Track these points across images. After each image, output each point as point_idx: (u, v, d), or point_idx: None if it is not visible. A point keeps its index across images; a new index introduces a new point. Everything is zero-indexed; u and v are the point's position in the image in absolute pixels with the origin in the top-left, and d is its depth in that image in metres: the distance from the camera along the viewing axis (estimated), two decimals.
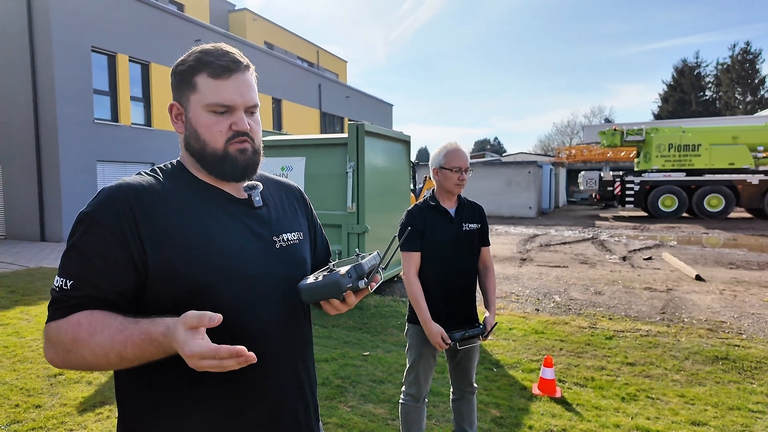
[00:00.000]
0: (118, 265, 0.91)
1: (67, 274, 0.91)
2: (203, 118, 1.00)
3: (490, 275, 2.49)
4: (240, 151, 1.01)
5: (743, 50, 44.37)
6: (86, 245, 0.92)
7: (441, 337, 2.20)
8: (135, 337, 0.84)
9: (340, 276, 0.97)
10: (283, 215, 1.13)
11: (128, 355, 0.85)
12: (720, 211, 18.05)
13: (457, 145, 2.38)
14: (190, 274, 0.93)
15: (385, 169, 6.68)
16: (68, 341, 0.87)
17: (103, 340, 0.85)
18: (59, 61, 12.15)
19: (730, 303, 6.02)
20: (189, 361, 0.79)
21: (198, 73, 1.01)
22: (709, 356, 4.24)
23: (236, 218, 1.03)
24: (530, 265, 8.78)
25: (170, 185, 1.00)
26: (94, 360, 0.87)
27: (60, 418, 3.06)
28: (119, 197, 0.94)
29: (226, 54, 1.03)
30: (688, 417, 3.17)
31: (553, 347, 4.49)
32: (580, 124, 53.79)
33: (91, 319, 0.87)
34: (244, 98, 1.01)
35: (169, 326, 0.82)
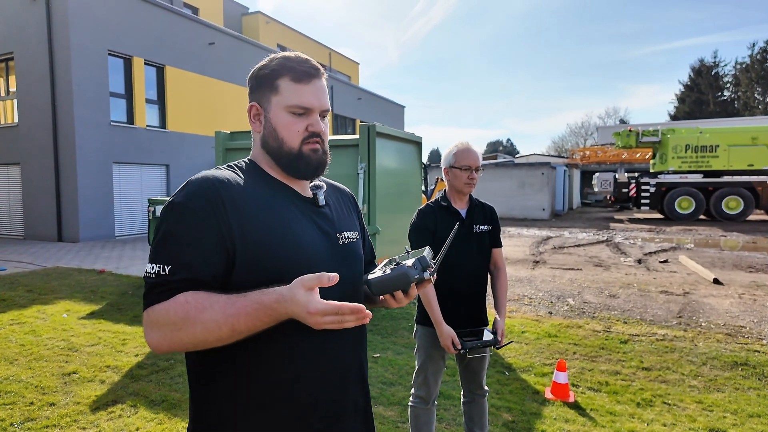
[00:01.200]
0: (212, 250, 0.96)
1: (165, 260, 0.95)
2: (283, 119, 1.09)
3: (502, 277, 2.46)
4: (313, 150, 1.10)
5: (763, 49, 43.46)
6: (181, 232, 0.97)
7: (452, 341, 2.17)
8: (248, 308, 0.90)
9: (408, 268, 1.01)
10: (341, 215, 1.21)
11: (240, 327, 0.90)
12: (738, 214, 17.68)
13: (467, 145, 2.35)
14: (270, 263, 1.00)
15: (397, 170, 6.66)
16: (178, 320, 0.91)
17: (215, 314, 0.90)
18: (77, 65, 12.37)
19: (749, 307, 5.88)
20: (311, 318, 0.87)
21: (281, 77, 1.09)
22: (728, 362, 4.13)
23: (305, 215, 1.10)
24: (543, 268, 8.68)
25: (247, 179, 1.07)
26: (205, 335, 0.91)
27: (73, 416, 3.09)
28: (208, 186, 1.00)
29: (307, 61, 1.11)
30: (706, 424, 3.09)
31: (567, 351, 4.42)
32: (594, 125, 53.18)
33: (197, 297, 0.92)
34: (321, 102, 1.10)
35: (282, 293, 0.89)
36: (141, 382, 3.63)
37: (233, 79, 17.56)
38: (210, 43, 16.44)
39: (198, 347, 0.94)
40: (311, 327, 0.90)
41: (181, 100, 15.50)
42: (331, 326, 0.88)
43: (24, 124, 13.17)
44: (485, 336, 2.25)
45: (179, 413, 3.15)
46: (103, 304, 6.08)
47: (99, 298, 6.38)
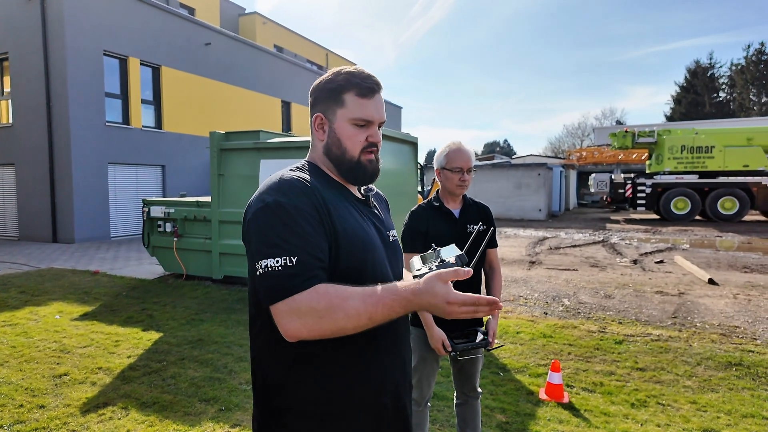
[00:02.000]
0: (323, 242, 1.06)
1: (288, 252, 1.01)
2: (347, 130, 1.18)
3: (496, 277, 2.44)
4: (369, 160, 1.21)
5: (758, 51, 43.66)
6: (298, 226, 1.04)
7: (442, 343, 2.15)
8: (386, 299, 0.98)
9: (453, 263, 1.05)
10: (386, 216, 1.34)
11: (377, 316, 0.99)
12: (734, 214, 17.74)
13: (459, 145, 2.33)
14: (357, 254, 1.11)
15: (392, 170, 6.64)
16: (322, 308, 0.97)
17: (356, 303, 0.98)
18: (72, 65, 12.32)
19: (744, 307, 5.88)
20: (448, 308, 0.95)
21: (347, 92, 1.18)
22: (722, 362, 4.13)
23: (364, 214, 1.22)
24: (539, 268, 8.68)
25: (321, 180, 1.17)
26: (346, 323, 0.98)
27: (63, 418, 3.06)
28: (305, 186, 1.10)
29: (371, 77, 1.20)
30: (700, 424, 3.08)
31: (561, 351, 4.41)
32: (591, 126, 53.30)
33: (337, 288, 1.00)
34: (380, 115, 1.21)
35: (418, 286, 0.98)
36: (133, 384, 3.60)
37: (230, 79, 17.51)
38: (206, 43, 16.40)
39: (335, 335, 1.00)
40: (444, 317, 0.99)
41: (177, 101, 15.45)
42: (465, 316, 0.97)
43: (19, 124, 13.10)
44: (477, 337, 2.24)
45: (171, 415, 3.12)
46: (96, 305, 6.04)
47: (92, 299, 6.34)
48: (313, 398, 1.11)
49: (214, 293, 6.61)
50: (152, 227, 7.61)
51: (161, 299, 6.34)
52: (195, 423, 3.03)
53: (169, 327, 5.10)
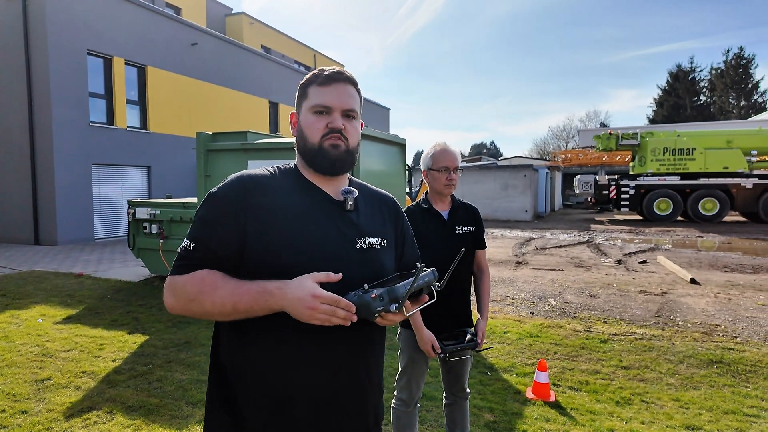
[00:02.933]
0: (228, 235, 1.10)
1: (192, 238, 1.12)
2: (308, 119, 1.21)
3: (485, 278, 2.46)
4: (333, 146, 1.18)
5: (737, 55, 44.67)
6: (207, 216, 1.13)
7: (432, 345, 2.17)
8: (251, 291, 1.04)
9: (371, 299, 1.02)
10: (370, 221, 1.25)
11: (241, 306, 1.04)
12: (714, 215, 18.12)
13: (444, 145, 2.35)
14: (279, 258, 1.10)
15: (381, 171, 6.66)
16: (192, 293, 1.07)
17: (224, 293, 1.05)
18: (55, 65, 12.11)
19: (724, 306, 6.02)
20: (311, 301, 0.98)
21: (311, 85, 1.22)
22: (704, 360, 4.22)
23: (329, 217, 1.18)
24: (526, 269, 8.77)
25: (282, 181, 1.19)
26: (212, 309, 1.06)
27: (46, 423, 3.01)
28: (238, 182, 1.15)
29: (334, 69, 1.22)
30: (682, 421, 3.15)
31: (548, 351, 4.46)
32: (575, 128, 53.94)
33: (213, 276, 1.08)
34: (341, 102, 1.19)
35: (286, 282, 1.03)
36: (118, 388, 3.55)
37: (217, 80, 17.37)
38: (193, 43, 16.25)
39: (204, 317, 1.09)
40: (302, 320, 1.01)
41: (163, 101, 15.27)
42: (322, 318, 0.99)
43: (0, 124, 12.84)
44: (466, 338, 2.26)
45: (157, 419, 3.09)
46: (80, 308, 5.94)
47: (76, 302, 6.24)
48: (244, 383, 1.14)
49: None
50: (138, 229, 7.51)
51: (147, 302, 6.26)
52: (182, 426, 3.00)
53: (156, 330, 5.04)
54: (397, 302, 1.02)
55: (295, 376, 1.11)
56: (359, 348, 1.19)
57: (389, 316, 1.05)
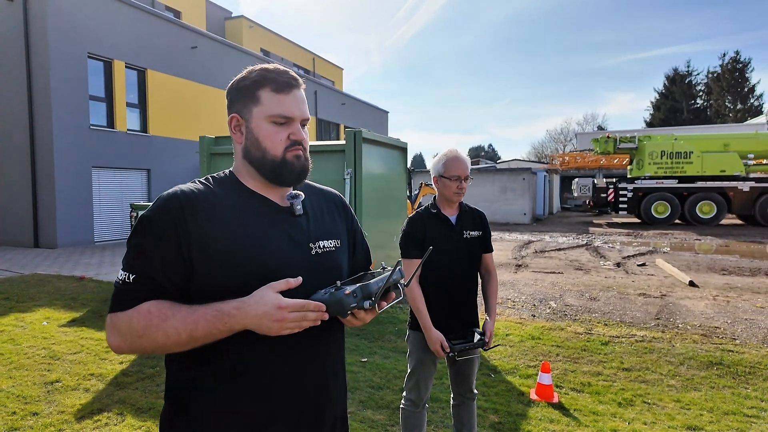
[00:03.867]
0: (171, 260, 1.01)
1: (130, 268, 1.02)
2: (265, 129, 1.10)
3: (492, 281, 2.51)
4: (296, 157, 1.11)
5: (733, 59, 44.99)
6: (144, 244, 1.03)
7: (441, 344, 2.22)
8: (208, 315, 0.97)
9: (344, 295, 0.99)
10: (321, 223, 1.20)
11: (198, 333, 0.97)
12: (712, 218, 18.24)
13: (456, 153, 2.40)
14: (231, 272, 1.02)
15: (382, 175, 6.72)
16: (140, 328, 0.98)
17: (176, 322, 0.97)
18: (55, 68, 12.15)
19: (723, 309, 6.08)
20: (279, 313, 0.94)
21: (262, 88, 1.11)
22: (704, 361, 4.28)
23: (277, 226, 1.11)
24: (526, 271, 8.83)
25: (221, 192, 1.10)
26: (165, 341, 0.98)
27: (58, 425, 3.05)
28: (172, 202, 1.05)
29: (286, 72, 1.14)
30: (684, 422, 3.20)
31: (550, 353, 4.52)
32: (573, 131, 54.21)
33: (160, 306, 0.99)
34: (301, 111, 1.13)
35: (244, 299, 0.97)
36: (127, 390, 3.59)
37: (216, 83, 17.41)
38: (192, 47, 16.30)
39: (157, 351, 1.01)
40: (270, 334, 0.96)
41: (163, 104, 15.31)
42: (292, 326, 0.96)
43: (0, 127, 12.85)
44: (475, 338, 2.31)
45: None
46: (84, 311, 5.96)
47: (80, 305, 6.26)
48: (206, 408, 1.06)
49: None
50: None
51: None
52: None
53: None
54: (371, 298, 1.01)
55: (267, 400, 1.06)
56: (323, 345, 1.14)
57: (361, 314, 1.03)
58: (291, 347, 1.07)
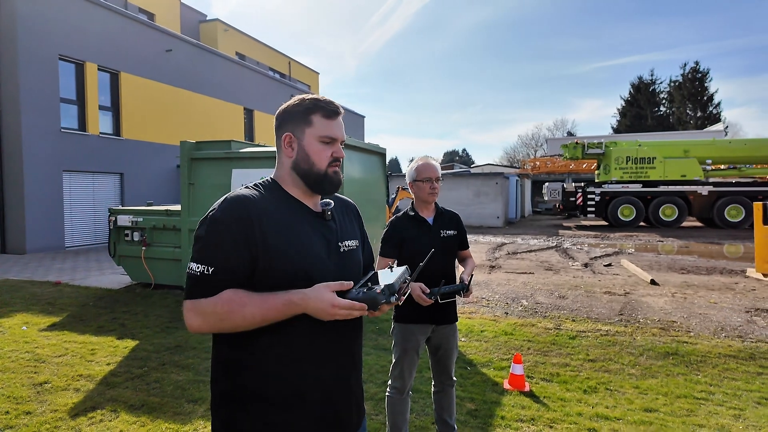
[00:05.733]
0: (242, 254, 1.22)
1: (209, 262, 1.21)
2: (315, 146, 1.35)
3: (470, 261, 2.78)
4: (335, 172, 1.37)
5: (693, 69, 47.09)
6: (218, 240, 1.22)
7: (421, 290, 2.38)
8: (279, 304, 1.20)
9: (377, 294, 1.23)
10: (345, 226, 1.46)
11: (270, 317, 1.20)
12: (674, 220, 19.13)
13: (426, 159, 2.68)
14: (285, 266, 1.25)
15: (362, 180, 6.93)
16: (223, 312, 1.19)
17: (253, 308, 1.19)
18: (24, 69, 11.91)
19: (680, 305, 6.53)
20: (332, 309, 1.18)
21: (314, 113, 1.35)
22: (661, 352, 4.65)
23: (315, 227, 1.35)
24: (499, 272, 9.17)
25: (270, 198, 1.33)
26: (242, 323, 1.20)
27: (53, 423, 3.13)
28: (239, 204, 1.26)
29: (333, 102, 1.38)
30: (641, 405, 3.52)
31: (522, 347, 4.81)
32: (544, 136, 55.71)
33: (239, 294, 1.20)
34: (342, 135, 1.39)
35: (306, 292, 1.20)
36: (118, 389, 3.68)
37: (191, 86, 17.31)
38: (167, 50, 16.18)
39: (232, 330, 1.22)
40: (323, 320, 1.20)
41: (136, 107, 15.13)
42: (341, 317, 1.19)
43: None
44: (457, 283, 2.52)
45: (161, 416, 3.25)
46: (63, 315, 5.95)
47: (58, 309, 6.23)
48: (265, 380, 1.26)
49: None
50: (119, 236, 7.52)
51: (131, 308, 6.32)
52: (186, 421, 3.18)
53: (145, 335, 5.14)
54: (395, 294, 1.24)
55: (308, 370, 1.28)
56: (354, 335, 1.41)
57: (384, 307, 1.25)
58: (336, 331, 1.31)
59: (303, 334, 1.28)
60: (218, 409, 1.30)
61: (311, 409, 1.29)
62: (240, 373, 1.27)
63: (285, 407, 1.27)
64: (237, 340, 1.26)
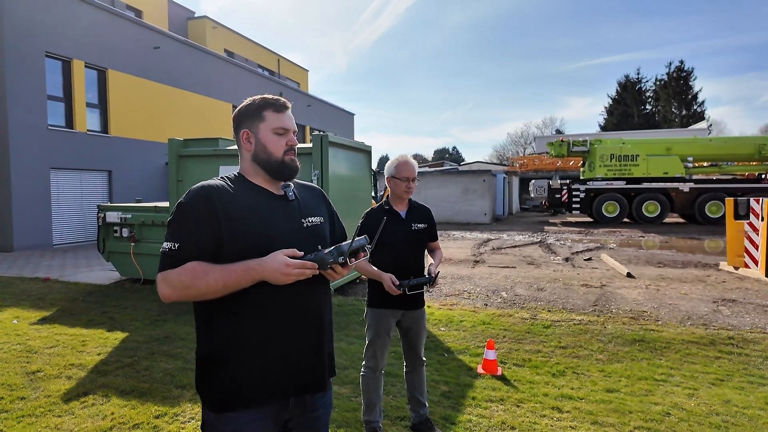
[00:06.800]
0: (206, 233, 1.42)
1: (175, 239, 1.40)
2: (270, 138, 1.54)
3: (438, 252, 3.00)
4: (291, 159, 1.57)
5: (678, 68, 47.83)
6: (184, 220, 1.42)
7: (392, 281, 2.63)
8: (238, 269, 1.37)
9: (325, 254, 1.43)
10: (308, 205, 1.65)
11: (231, 283, 1.36)
12: (656, 217, 19.56)
13: (406, 158, 2.86)
14: (248, 240, 1.44)
15: (348, 177, 7.12)
16: (187, 280, 1.36)
17: (215, 275, 1.36)
18: (11, 66, 11.90)
19: (653, 296, 6.81)
20: (286, 269, 1.35)
21: (265, 110, 1.55)
22: (629, 339, 4.91)
23: (277, 207, 1.55)
24: (482, 267, 9.42)
25: (234, 186, 1.53)
26: (207, 289, 1.36)
27: (47, 407, 3.29)
28: (203, 192, 1.45)
29: (280, 98, 1.59)
30: (604, 386, 3.77)
31: (498, 335, 5.04)
32: (533, 134, 56.21)
33: (202, 265, 1.38)
34: (293, 125, 1.59)
35: (263, 258, 1.38)
36: (108, 377, 3.84)
37: (180, 83, 17.33)
38: (155, 47, 16.19)
39: (199, 298, 1.39)
40: (281, 283, 1.36)
41: (124, 105, 15.15)
42: (295, 276, 1.36)
43: None
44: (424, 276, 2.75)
45: (150, 399, 3.43)
46: (53, 310, 6.07)
47: (48, 304, 6.35)
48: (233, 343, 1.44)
49: None
50: (108, 233, 7.64)
51: (120, 303, 6.45)
52: (174, 404, 3.35)
53: (134, 327, 5.29)
54: (344, 255, 1.42)
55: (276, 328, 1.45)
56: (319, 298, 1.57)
57: (338, 268, 1.43)
58: (297, 291, 1.48)
59: (271, 299, 1.44)
60: (198, 365, 1.50)
61: (281, 361, 1.46)
62: (217, 333, 1.45)
63: (256, 359, 1.44)
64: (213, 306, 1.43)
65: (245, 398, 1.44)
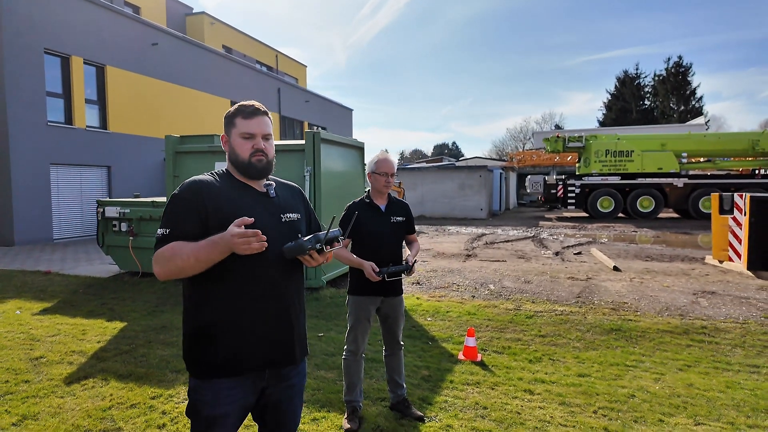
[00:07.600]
0: (192, 220, 1.64)
1: (166, 225, 1.63)
2: (239, 141, 1.74)
3: (415, 244, 3.20)
4: (258, 160, 1.74)
5: (676, 63, 47.85)
6: (175, 210, 1.64)
7: (372, 268, 2.82)
8: (204, 244, 1.57)
9: (303, 241, 1.63)
10: (287, 202, 1.85)
11: (201, 257, 1.55)
12: (651, 212, 19.76)
13: (386, 155, 3.06)
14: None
15: (340, 173, 7.31)
16: (168, 255, 1.58)
17: (187, 250, 1.57)
18: (10, 63, 12.06)
19: (636, 288, 7.02)
20: (233, 239, 1.49)
21: (236, 117, 1.76)
22: (606, 328, 5.12)
23: (259, 203, 1.75)
24: (474, 260, 9.63)
25: (222, 182, 1.75)
26: (183, 263, 1.56)
27: (50, 389, 3.50)
28: (194, 184, 1.67)
29: (252, 105, 1.77)
30: (577, 371, 3.98)
31: (481, 325, 5.25)
32: (532, 130, 56.34)
33: (180, 244, 1.61)
34: (261, 129, 1.75)
35: (222, 234, 1.55)
36: (107, 362, 4.06)
37: (178, 80, 17.48)
38: (153, 43, 16.33)
39: (180, 272, 1.57)
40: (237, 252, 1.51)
41: (123, 101, 15.31)
42: (244, 246, 1.49)
43: None
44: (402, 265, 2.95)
45: (147, 383, 3.64)
46: (54, 301, 6.28)
47: (50, 296, 6.56)
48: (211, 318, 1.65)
49: (172, 288, 6.98)
50: (107, 227, 7.84)
51: (119, 295, 6.66)
52: (169, 387, 3.57)
53: (132, 317, 5.50)
54: (321, 243, 1.61)
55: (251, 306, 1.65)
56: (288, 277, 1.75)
57: (315, 254, 1.62)
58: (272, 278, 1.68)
59: (249, 284, 1.66)
60: (185, 340, 1.71)
61: (256, 338, 1.66)
62: (200, 313, 1.67)
63: (233, 336, 1.66)
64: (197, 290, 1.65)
65: (224, 368, 1.65)
